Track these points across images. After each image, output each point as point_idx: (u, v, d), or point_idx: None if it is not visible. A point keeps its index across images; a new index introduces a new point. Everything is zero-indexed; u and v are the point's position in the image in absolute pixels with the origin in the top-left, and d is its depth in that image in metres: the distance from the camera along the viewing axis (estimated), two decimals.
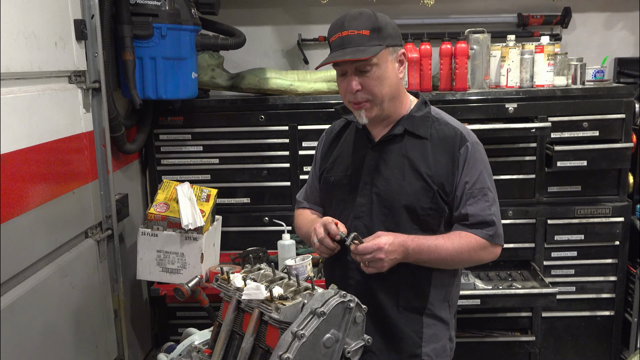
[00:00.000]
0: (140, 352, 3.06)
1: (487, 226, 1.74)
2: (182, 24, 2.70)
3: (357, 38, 1.64)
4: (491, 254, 1.78)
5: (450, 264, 1.76)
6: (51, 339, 2.10)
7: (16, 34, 1.90)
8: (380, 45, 1.65)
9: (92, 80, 2.43)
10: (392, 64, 1.70)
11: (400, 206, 1.74)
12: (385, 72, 1.68)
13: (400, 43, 1.73)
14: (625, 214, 3.03)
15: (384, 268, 1.65)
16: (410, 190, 1.73)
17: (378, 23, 1.66)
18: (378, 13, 1.69)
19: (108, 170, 2.51)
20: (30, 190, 1.97)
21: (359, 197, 1.80)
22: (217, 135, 3.06)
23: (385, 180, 1.77)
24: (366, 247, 1.63)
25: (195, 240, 2.66)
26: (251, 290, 1.51)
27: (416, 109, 1.80)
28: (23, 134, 1.94)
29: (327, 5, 3.23)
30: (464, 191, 1.73)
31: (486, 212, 1.73)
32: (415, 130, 1.77)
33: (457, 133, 1.76)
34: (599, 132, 2.96)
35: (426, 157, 1.74)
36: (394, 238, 1.65)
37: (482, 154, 1.78)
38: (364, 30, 1.64)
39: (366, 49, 1.63)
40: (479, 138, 1.81)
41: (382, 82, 1.68)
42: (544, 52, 2.96)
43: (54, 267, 2.13)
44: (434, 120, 1.80)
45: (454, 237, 1.73)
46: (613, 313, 3.14)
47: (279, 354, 1.36)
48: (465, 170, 1.73)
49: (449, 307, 1.85)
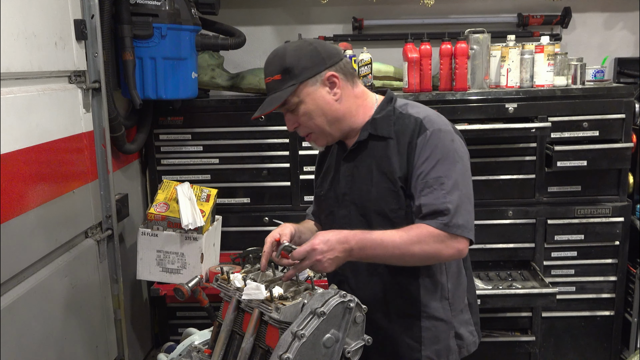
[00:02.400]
0: (140, 352, 3.06)
1: (441, 215, 1.59)
2: (182, 24, 2.71)
3: (273, 84, 1.69)
4: (451, 248, 1.60)
5: (401, 258, 1.62)
6: (51, 339, 2.10)
7: (16, 34, 1.90)
8: (293, 84, 1.66)
9: (92, 80, 2.43)
10: (319, 93, 1.68)
11: (372, 212, 1.72)
12: (313, 105, 1.69)
13: (323, 67, 1.68)
14: (625, 214, 3.03)
15: (326, 269, 1.57)
16: (378, 195, 1.71)
17: (286, 63, 1.66)
18: (290, 48, 1.69)
19: (108, 170, 2.51)
20: (30, 190, 1.97)
21: (341, 209, 1.80)
22: (217, 135, 3.06)
23: (358, 188, 1.76)
24: (299, 251, 1.56)
25: (195, 240, 2.66)
26: (251, 290, 1.51)
27: (379, 110, 1.77)
28: (23, 134, 1.94)
29: (327, 5, 3.23)
30: (418, 181, 1.65)
31: (440, 201, 1.59)
32: (378, 132, 1.73)
33: (417, 122, 1.69)
34: (599, 132, 2.96)
35: (390, 156, 1.71)
36: (332, 235, 1.57)
37: (444, 140, 1.66)
38: (275, 75, 1.68)
39: (278, 96, 1.67)
40: (479, 138, 1.77)
41: (311, 115, 1.70)
42: (544, 52, 2.96)
43: (54, 267, 2.13)
44: (398, 116, 1.74)
45: (405, 229, 1.61)
46: (613, 313, 3.14)
47: (279, 354, 1.36)
48: (421, 159, 1.65)
49: (449, 305, 1.78)
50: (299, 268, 1.58)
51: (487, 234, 3.06)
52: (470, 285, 1.90)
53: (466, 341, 1.83)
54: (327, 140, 1.77)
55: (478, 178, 3.01)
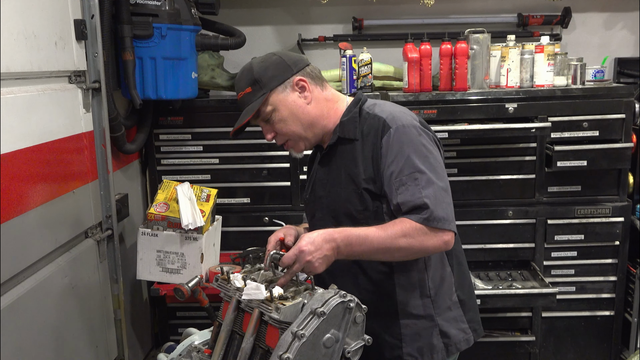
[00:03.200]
0: (140, 352, 3.06)
1: (421, 210, 1.60)
2: (182, 24, 2.71)
3: (245, 98, 1.75)
4: (437, 239, 1.61)
5: (389, 253, 1.63)
6: (51, 339, 2.10)
7: (16, 34, 1.90)
8: (263, 94, 1.72)
9: (92, 80, 2.43)
10: (290, 98, 1.74)
11: (341, 214, 1.74)
12: (286, 111, 1.74)
13: (290, 73, 1.74)
14: (625, 214, 3.03)
15: (318, 269, 1.56)
16: (345, 196, 1.74)
17: (254, 75, 1.73)
18: (256, 62, 1.76)
19: (108, 170, 2.51)
20: (30, 190, 1.97)
21: (317, 212, 1.83)
22: (217, 135, 3.06)
23: (328, 191, 1.79)
24: (288, 256, 1.57)
25: (195, 240, 2.66)
26: (251, 290, 1.51)
27: (346, 113, 1.79)
28: (23, 134, 1.94)
29: (327, 5, 3.23)
30: (391, 181, 1.64)
31: (416, 197, 1.60)
32: (345, 134, 1.75)
33: (380, 122, 1.69)
34: (599, 132, 2.96)
35: (355, 157, 1.72)
36: (317, 235, 1.57)
37: (410, 135, 1.66)
38: (246, 89, 1.74)
39: (250, 108, 1.73)
40: (479, 138, 1.76)
41: (286, 122, 1.75)
42: (544, 52, 2.96)
43: (54, 267, 2.13)
44: (365, 116, 1.75)
45: (389, 224, 1.62)
46: (613, 313, 3.14)
47: (279, 354, 1.36)
48: (389, 159, 1.65)
49: (431, 302, 1.76)
50: (291, 273, 1.58)
51: (487, 234, 3.06)
52: (462, 282, 1.86)
53: (454, 339, 1.81)
54: (304, 145, 1.82)
55: (478, 178, 3.02)
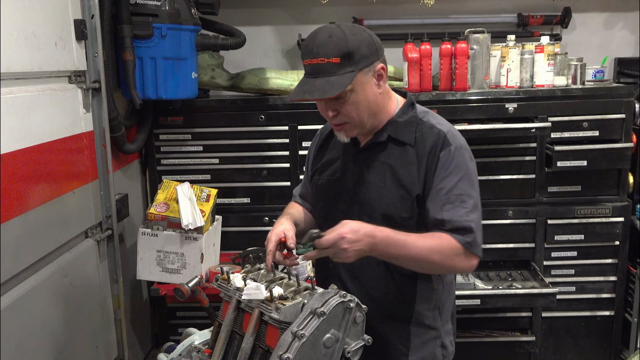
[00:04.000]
0: (140, 352, 3.06)
1: (466, 232, 1.62)
2: (182, 24, 2.70)
3: (327, 67, 1.57)
4: (466, 264, 1.65)
5: (419, 264, 1.64)
6: (51, 339, 2.10)
7: (16, 34, 1.90)
8: (352, 71, 1.58)
9: (92, 80, 2.43)
10: (369, 83, 1.63)
11: (378, 215, 1.69)
12: (362, 95, 1.62)
13: (376, 58, 1.63)
14: (625, 214, 3.03)
15: (349, 259, 1.55)
16: (390, 199, 1.68)
17: (349, 47, 1.56)
18: (350, 32, 1.59)
19: (108, 170, 2.51)
20: (30, 190, 1.97)
21: (341, 204, 1.76)
22: (217, 135, 3.06)
23: (365, 187, 1.72)
24: (328, 239, 1.53)
25: (195, 240, 2.66)
26: (251, 290, 1.51)
27: (400, 113, 1.73)
28: (23, 134, 1.94)
29: (327, 5, 3.23)
30: (439, 196, 1.64)
31: (464, 219, 1.62)
32: (399, 136, 1.70)
33: (440, 136, 1.68)
34: (599, 132, 2.96)
35: (408, 163, 1.68)
36: (359, 227, 1.54)
37: (466, 158, 1.68)
38: (333, 58, 1.56)
39: (336, 81, 1.57)
40: (479, 138, 1.77)
41: (358, 106, 1.63)
42: (544, 52, 2.96)
43: (54, 267, 2.13)
44: (419, 123, 1.72)
45: (428, 236, 1.62)
46: (613, 313, 3.15)
47: (279, 354, 1.36)
48: (442, 175, 1.65)
49: (439, 315, 1.79)
50: (322, 254, 1.56)
51: (487, 234, 3.01)
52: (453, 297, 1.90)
53: (448, 350, 1.83)
54: (357, 132, 1.71)
55: (478, 178, 3.01)
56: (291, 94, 1.67)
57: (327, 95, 1.57)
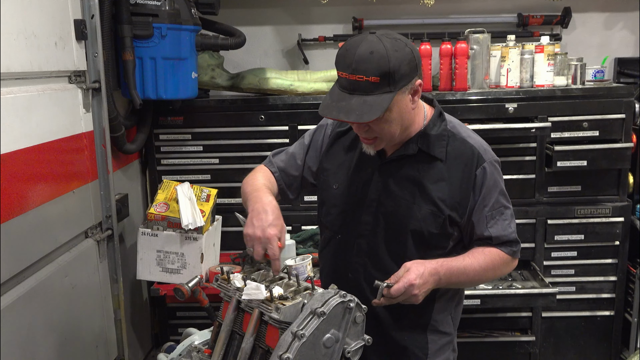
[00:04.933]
0: (140, 352, 3.06)
1: (512, 244, 1.72)
2: (182, 24, 2.70)
3: (365, 85, 1.49)
4: (510, 267, 1.77)
5: (476, 282, 1.74)
6: (51, 339, 2.10)
7: (16, 34, 1.90)
8: (391, 92, 1.50)
9: (92, 80, 2.43)
10: (405, 100, 1.57)
11: (407, 230, 1.67)
12: (397, 113, 1.56)
13: (415, 74, 1.55)
14: (625, 214, 3.03)
15: (418, 301, 1.58)
16: (420, 215, 1.66)
17: (390, 67, 1.48)
18: (392, 49, 1.50)
19: (108, 170, 2.51)
20: (30, 190, 1.97)
21: (364, 215, 1.72)
22: (217, 135, 3.06)
23: (393, 201, 1.68)
24: (398, 289, 1.53)
25: (195, 240, 2.66)
26: (251, 290, 1.51)
27: (432, 125, 1.68)
28: (23, 134, 1.94)
29: (327, 5, 3.23)
30: (482, 215, 1.67)
31: (508, 231, 1.71)
32: (430, 150, 1.66)
33: (474, 152, 1.66)
34: (599, 132, 2.96)
35: (440, 179, 1.66)
36: (424, 269, 1.56)
37: (499, 172, 1.71)
38: (372, 77, 1.48)
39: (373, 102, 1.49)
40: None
41: (391, 123, 1.57)
42: (544, 52, 2.96)
43: (54, 267, 2.13)
44: (450, 136, 1.69)
45: (479, 255, 1.67)
46: (613, 313, 3.14)
47: (279, 354, 1.36)
48: (484, 194, 1.66)
49: (452, 320, 1.82)
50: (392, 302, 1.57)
51: None
52: None
53: (456, 354, 1.87)
54: (385, 145, 1.67)
55: None
56: (323, 108, 1.57)
57: (364, 120, 1.50)
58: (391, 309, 1.69)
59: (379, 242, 1.71)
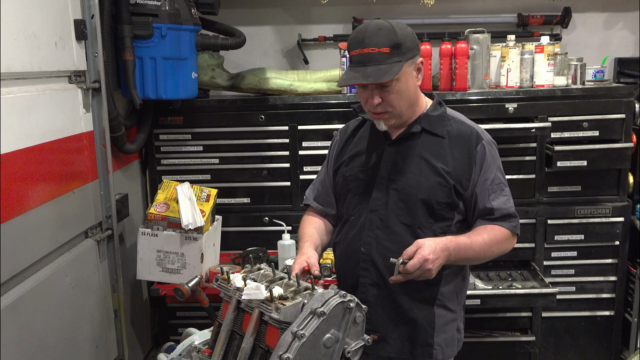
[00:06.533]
0: (140, 352, 3.06)
1: (511, 217, 1.84)
2: (182, 24, 2.70)
3: (378, 56, 1.70)
4: (512, 243, 1.88)
5: (482, 258, 1.83)
6: (51, 339, 2.10)
7: (16, 34, 1.90)
8: (400, 61, 1.71)
9: (92, 80, 2.43)
10: (411, 75, 1.77)
11: (417, 200, 1.81)
12: (405, 85, 1.76)
13: (418, 51, 1.79)
14: (625, 214, 3.03)
15: (432, 276, 1.67)
16: (428, 185, 1.80)
17: (397, 39, 1.71)
18: (397, 26, 1.74)
19: (108, 170, 2.51)
20: (30, 190, 1.97)
21: (375, 191, 1.86)
22: (217, 135, 3.06)
23: (402, 175, 1.83)
24: (414, 264, 1.63)
25: (195, 240, 2.66)
26: (251, 290, 1.51)
27: (432, 109, 1.89)
28: (23, 134, 1.94)
29: (327, 5, 3.23)
30: (484, 187, 1.82)
31: (508, 205, 1.84)
32: (432, 128, 1.85)
33: (472, 131, 1.85)
34: (599, 132, 2.96)
35: (443, 154, 1.83)
36: (435, 244, 1.67)
37: (496, 151, 1.88)
38: (383, 47, 1.70)
39: (387, 69, 1.69)
40: None
41: (401, 95, 1.76)
42: (544, 52, 2.96)
43: (54, 267, 2.13)
44: (449, 119, 1.88)
45: (483, 231, 1.80)
46: (613, 313, 3.14)
47: (279, 354, 1.36)
48: (484, 168, 1.82)
49: (456, 298, 1.90)
50: (408, 277, 1.66)
51: None
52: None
53: (461, 335, 1.94)
54: (395, 122, 1.83)
55: None
56: (342, 80, 1.82)
57: (381, 80, 1.69)
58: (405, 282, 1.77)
59: (390, 215, 1.83)
